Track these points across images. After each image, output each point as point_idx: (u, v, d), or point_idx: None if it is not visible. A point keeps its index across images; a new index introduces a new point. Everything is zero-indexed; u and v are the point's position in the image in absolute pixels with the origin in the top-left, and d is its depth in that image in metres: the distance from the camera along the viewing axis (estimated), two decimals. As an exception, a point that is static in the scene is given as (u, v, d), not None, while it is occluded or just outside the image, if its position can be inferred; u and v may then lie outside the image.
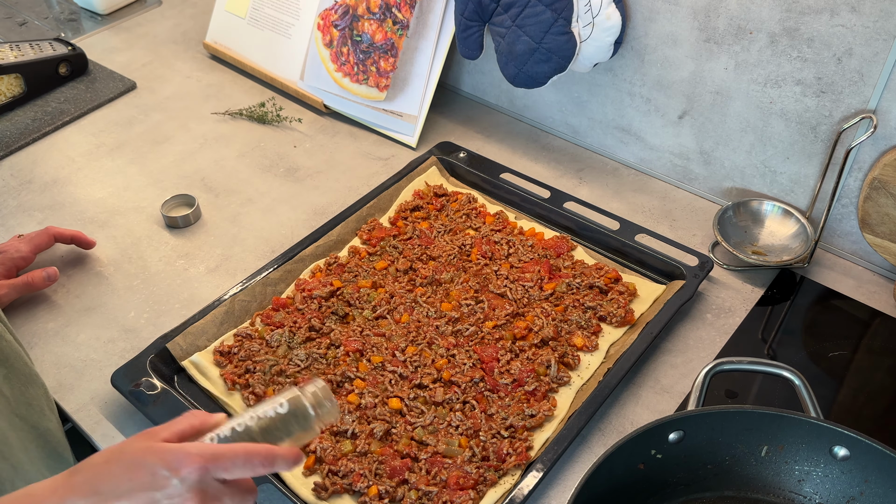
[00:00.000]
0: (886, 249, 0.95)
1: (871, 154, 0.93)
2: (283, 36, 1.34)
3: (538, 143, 1.24)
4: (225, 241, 1.08)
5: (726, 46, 0.97)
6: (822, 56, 0.90)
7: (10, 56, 1.31)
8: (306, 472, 0.79)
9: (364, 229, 1.05)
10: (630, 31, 1.04)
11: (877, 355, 0.91)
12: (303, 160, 1.22)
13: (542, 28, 1.01)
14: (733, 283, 0.99)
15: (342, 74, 1.27)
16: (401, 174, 1.12)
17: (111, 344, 0.95)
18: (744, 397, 0.86)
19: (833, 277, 1.00)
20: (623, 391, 0.87)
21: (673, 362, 0.90)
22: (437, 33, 1.18)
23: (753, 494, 0.73)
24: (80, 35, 1.54)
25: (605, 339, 0.91)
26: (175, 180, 1.19)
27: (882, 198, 0.91)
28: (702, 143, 1.07)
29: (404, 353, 0.88)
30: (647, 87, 1.08)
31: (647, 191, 1.14)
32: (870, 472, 0.69)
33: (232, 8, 1.41)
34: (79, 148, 1.26)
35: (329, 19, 1.27)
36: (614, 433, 0.83)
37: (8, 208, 1.15)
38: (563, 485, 0.79)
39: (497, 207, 1.08)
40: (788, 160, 1.00)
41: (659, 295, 0.95)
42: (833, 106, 0.92)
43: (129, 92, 1.37)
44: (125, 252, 1.07)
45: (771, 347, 0.92)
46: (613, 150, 1.19)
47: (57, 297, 1.01)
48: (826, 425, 0.69)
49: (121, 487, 0.54)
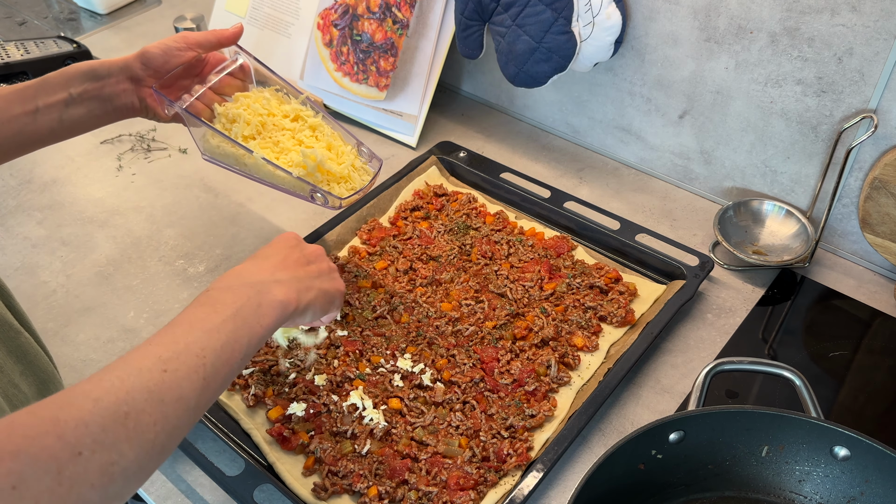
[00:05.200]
0: (887, 249, 0.95)
1: (872, 154, 0.92)
2: (282, 35, 1.34)
3: (538, 143, 1.23)
4: (225, 241, 1.08)
5: (727, 46, 0.96)
6: (822, 56, 0.90)
7: (17, 55, 1.32)
8: (306, 473, 0.79)
9: (364, 229, 1.05)
10: (630, 31, 1.04)
11: (877, 355, 0.91)
12: (303, 160, 1.22)
13: (543, 27, 1.01)
14: (734, 282, 0.99)
15: (342, 74, 1.26)
16: (401, 174, 1.12)
17: (111, 344, 0.95)
18: (744, 397, 0.86)
19: (834, 277, 1.00)
20: (623, 391, 0.87)
21: (673, 362, 0.90)
22: (437, 33, 1.18)
23: (754, 495, 0.73)
24: (80, 34, 1.53)
25: (606, 339, 0.91)
26: (175, 180, 1.19)
27: (883, 197, 0.91)
28: (702, 143, 1.07)
29: (404, 353, 0.88)
30: (647, 87, 1.08)
31: (647, 190, 1.14)
32: (870, 473, 0.69)
33: (231, 7, 1.41)
34: (78, 148, 1.25)
35: (329, 19, 1.27)
36: (615, 433, 0.83)
37: (7, 208, 1.15)
38: (564, 485, 0.79)
39: (497, 207, 1.08)
40: (789, 160, 1.00)
41: (659, 295, 0.95)
42: (834, 105, 0.92)
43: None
44: (125, 252, 1.07)
45: (771, 347, 0.92)
46: (614, 150, 1.19)
47: (56, 297, 1.01)
48: (826, 425, 0.69)
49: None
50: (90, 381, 0.48)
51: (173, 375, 0.52)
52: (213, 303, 0.60)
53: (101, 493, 0.45)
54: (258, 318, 0.61)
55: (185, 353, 0.53)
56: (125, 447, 0.46)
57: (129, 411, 0.47)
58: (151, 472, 0.50)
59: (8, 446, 0.41)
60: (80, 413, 0.45)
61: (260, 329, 0.61)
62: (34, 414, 0.44)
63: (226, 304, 0.60)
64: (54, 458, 0.42)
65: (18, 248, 1.08)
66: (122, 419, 0.47)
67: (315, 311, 0.70)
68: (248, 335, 0.59)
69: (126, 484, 0.47)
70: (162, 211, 1.14)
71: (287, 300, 0.65)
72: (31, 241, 1.09)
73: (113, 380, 0.48)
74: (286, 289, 0.66)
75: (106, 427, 0.46)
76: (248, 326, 0.60)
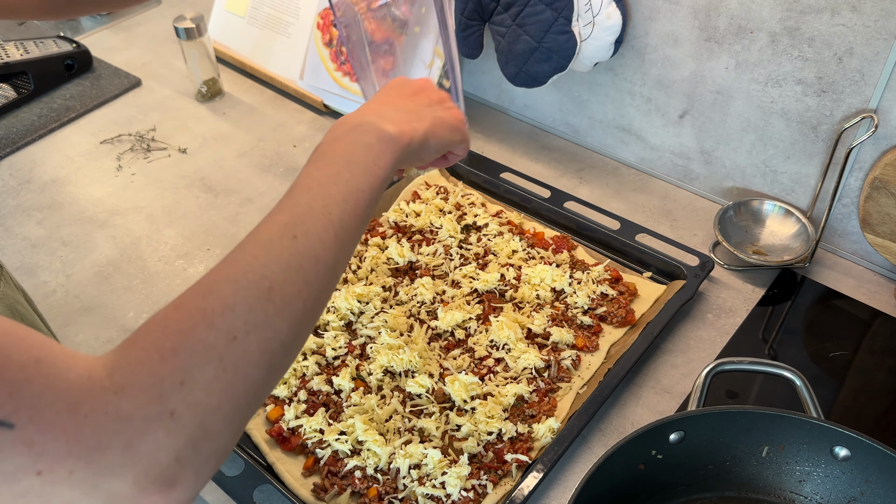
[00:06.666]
0: (887, 249, 0.95)
1: (872, 154, 0.92)
2: (282, 35, 1.34)
3: (538, 143, 1.23)
4: (225, 241, 1.08)
5: (727, 46, 0.96)
6: (822, 55, 0.90)
7: (17, 54, 1.32)
8: (305, 473, 0.79)
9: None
10: (630, 31, 1.04)
11: (878, 355, 0.91)
12: (302, 160, 1.22)
13: (543, 27, 1.01)
14: (734, 282, 0.99)
15: (342, 73, 1.26)
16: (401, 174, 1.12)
17: (110, 344, 0.94)
18: (744, 397, 0.86)
19: (834, 277, 1.00)
20: (623, 391, 0.87)
21: (673, 362, 0.90)
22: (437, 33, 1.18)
23: (754, 495, 0.73)
24: (80, 34, 1.53)
25: (606, 339, 0.91)
26: (174, 180, 1.19)
27: (883, 197, 0.91)
28: (702, 143, 1.07)
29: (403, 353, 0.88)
30: (647, 87, 1.08)
31: (647, 190, 1.14)
32: (870, 473, 0.69)
33: (231, 7, 1.41)
34: (78, 147, 1.25)
35: (329, 18, 1.27)
36: (615, 433, 0.83)
37: (7, 208, 1.14)
38: (564, 485, 0.79)
39: (497, 207, 1.08)
40: (789, 160, 1.00)
41: (660, 295, 0.95)
42: (834, 105, 0.92)
43: (131, 90, 1.37)
44: (124, 252, 1.07)
45: (772, 347, 0.92)
46: (614, 150, 1.19)
47: (56, 297, 1.01)
48: (827, 425, 0.69)
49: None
50: (225, 265, 0.47)
51: (304, 239, 0.50)
52: (323, 156, 0.58)
53: (266, 370, 0.45)
54: (374, 160, 0.57)
55: (309, 215, 0.52)
56: (277, 322, 0.46)
57: (270, 286, 0.46)
58: (308, 335, 0.50)
59: (166, 345, 0.41)
60: (223, 299, 0.45)
61: (378, 170, 0.57)
62: (181, 308, 0.44)
63: (336, 154, 0.57)
64: (212, 347, 0.42)
65: (18, 248, 1.08)
66: (266, 296, 0.46)
67: (437, 142, 0.65)
68: (369, 179, 0.56)
69: (287, 354, 0.47)
70: (161, 211, 1.13)
71: (400, 133, 0.60)
72: (31, 241, 1.09)
73: (247, 258, 0.48)
74: (396, 122, 0.60)
75: (253, 307, 0.45)
76: (365, 170, 0.56)
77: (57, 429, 0.36)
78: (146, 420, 0.39)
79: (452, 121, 0.67)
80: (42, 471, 0.35)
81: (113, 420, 0.38)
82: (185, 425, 0.40)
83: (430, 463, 0.77)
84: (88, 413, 0.37)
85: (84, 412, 0.37)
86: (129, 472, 0.38)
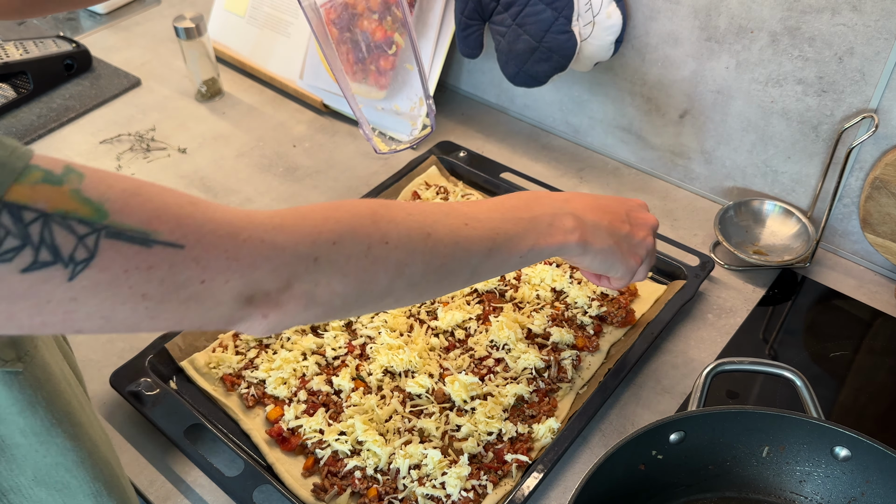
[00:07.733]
0: (888, 249, 0.95)
1: (873, 153, 0.92)
2: (282, 35, 1.34)
3: (538, 143, 1.23)
4: (224, 241, 1.08)
5: (727, 45, 0.96)
6: (823, 55, 0.90)
7: (16, 54, 1.32)
8: (305, 474, 0.79)
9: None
10: (630, 30, 1.04)
11: (878, 355, 0.90)
12: (302, 160, 1.22)
13: (543, 27, 1.00)
14: (734, 282, 0.99)
15: (342, 73, 1.26)
16: (400, 174, 1.12)
17: (110, 344, 0.94)
18: (745, 398, 0.86)
19: (834, 277, 0.99)
20: (624, 391, 0.87)
21: (674, 362, 0.90)
22: (437, 32, 1.18)
23: (754, 495, 0.73)
24: (79, 34, 1.53)
25: (606, 339, 0.91)
26: (174, 179, 1.19)
27: (883, 197, 0.91)
28: (703, 143, 1.07)
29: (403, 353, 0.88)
30: (647, 87, 1.08)
31: (647, 190, 1.13)
32: (871, 473, 0.68)
33: (231, 7, 1.41)
34: (78, 147, 1.25)
35: (328, 17, 1.26)
36: (615, 434, 0.83)
37: (6, 208, 1.14)
38: (564, 485, 0.79)
39: (497, 207, 1.08)
40: (790, 160, 1.00)
41: (660, 295, 0.95)
42: (834, 105, 0.92)
43: (130, 90, 1.37)
44: (124, 252, 1.07)
45: (772, 348, 0.92)
46: (614, 150, 1.18)
47: (55, 296, 1.00)
48: (827, 426, 0.69)
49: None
50: (401, 203, 0.56)
51: (471, 230, 0.59)
52: (524, 201, 0.65)
53: (389, 285, 0.53)
54: (547, 233, 0.64)
55: (484, 222, 0.60)
56: (418, 257, 0.55)
57: (431, 233, 0.55)
58: (418, 298, 0.57)
59: (335, 214, 0.51)
60: (394, 214, 0.54)
61: (543, 243, 0.64)
62: (356, 203, 0.53)
63: (530, 208, 0.65)
64: (368, 236, 0.52)
65: (17, 248, 1.08)
66: (424, 237, 0.55)
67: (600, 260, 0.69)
68: (532, 243, 0.63)
69: (406, 290, 0.55)
70: (161, 211, 1.13)
71: (573, 229, 0.66)
72: (30, 240, 1.09)
73: (423, 207, 0.57)
74: (580, 225, 0.66)
75: (411, 235, 0.54)
76: (536, 233, 0.64)
77: (219, 249, 0.44)
78: (295, 255, 0.48)
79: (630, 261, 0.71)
80: (205, 280, 0.44)
81: (269, 247, 0.46)
82: (322, 271, 0.49)
83: (429, 463, 0.77)
84: (247, 238, 0.45)
85: (243, 237, 0.45)
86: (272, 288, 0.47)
